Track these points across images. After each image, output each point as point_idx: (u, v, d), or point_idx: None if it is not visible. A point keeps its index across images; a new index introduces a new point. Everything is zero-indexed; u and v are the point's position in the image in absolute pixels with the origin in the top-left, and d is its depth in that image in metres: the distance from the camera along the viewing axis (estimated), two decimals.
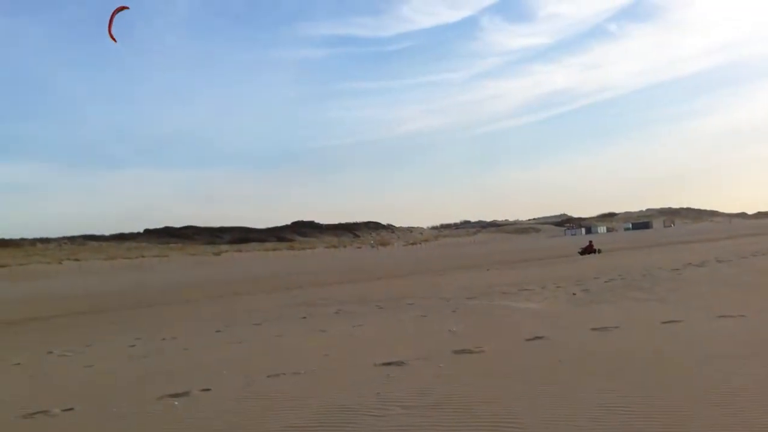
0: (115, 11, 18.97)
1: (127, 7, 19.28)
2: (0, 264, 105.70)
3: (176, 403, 7.89)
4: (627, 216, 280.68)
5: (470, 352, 9.83)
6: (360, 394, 7.58)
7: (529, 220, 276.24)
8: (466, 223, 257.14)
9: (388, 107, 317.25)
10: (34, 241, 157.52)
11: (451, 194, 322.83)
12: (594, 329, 11.16)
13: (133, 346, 14.43)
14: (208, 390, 8.45)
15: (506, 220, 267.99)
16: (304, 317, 17.46)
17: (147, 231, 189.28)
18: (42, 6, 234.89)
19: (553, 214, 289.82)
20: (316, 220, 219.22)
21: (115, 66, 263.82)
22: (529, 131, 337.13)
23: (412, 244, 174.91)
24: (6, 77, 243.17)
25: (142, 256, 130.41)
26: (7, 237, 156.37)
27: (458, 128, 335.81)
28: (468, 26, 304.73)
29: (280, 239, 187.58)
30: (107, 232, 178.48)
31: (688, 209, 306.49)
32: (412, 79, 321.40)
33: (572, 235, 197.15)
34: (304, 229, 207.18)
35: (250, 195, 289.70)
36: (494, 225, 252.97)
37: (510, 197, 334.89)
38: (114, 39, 19.20)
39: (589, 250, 47.29)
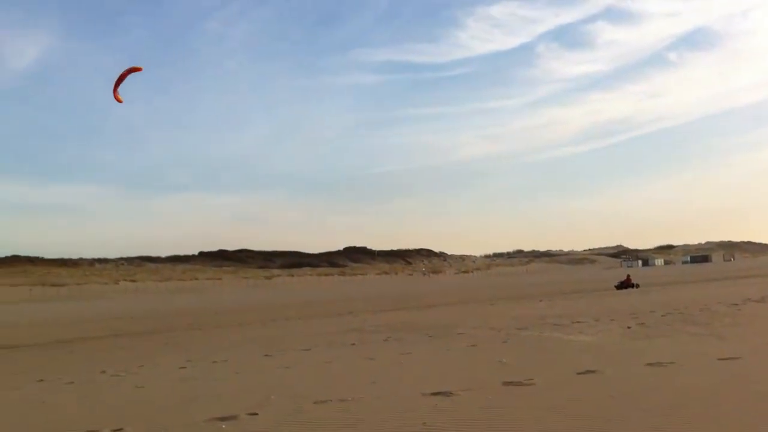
0: (126, 72, 18.39)
1: (140, 69, 18.71)
2: (58, 283, 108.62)
3: (224, 426, 7.92)
4: (685, 249, 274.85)
5: (520, 384, 9.67)
6: (406, 424, 7.50)
7: (584, 250, 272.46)
8: (519, 253, 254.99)
9: (444, 133, 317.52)
10: (93, 261, 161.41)
11: (504, 223, 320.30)
12: (649, 364, 10.88)
13: (184, 368, 14.59)
14: (255, 414, 8.46)
15: (560, 250, 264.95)
16: (354, 344, 17.45)
17: (202, 254, 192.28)
18: (106, 31, 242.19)
19: (608, 245, 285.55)
20: (369, 246, 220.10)
21: (175, 91, 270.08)
22: (585, 160, 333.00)
23: (464, 272, 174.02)
24: (72, 102, 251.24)
25: (196, 279, 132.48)
26: (66, 256, 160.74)
27: (513, 155, 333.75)
28: (524, 53, 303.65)
29: (332, 264, 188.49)
30: (163, 254, 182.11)
31: (749, 243, 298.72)
32: (468, 106, 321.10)
33: (628, 266, 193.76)
34: (356, 255, 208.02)
35: (304, 220, 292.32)
36: (548, 255, 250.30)
37: (565, 227, 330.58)
38: (119, 100, 18.54)
39: (626, 284, 45.55)
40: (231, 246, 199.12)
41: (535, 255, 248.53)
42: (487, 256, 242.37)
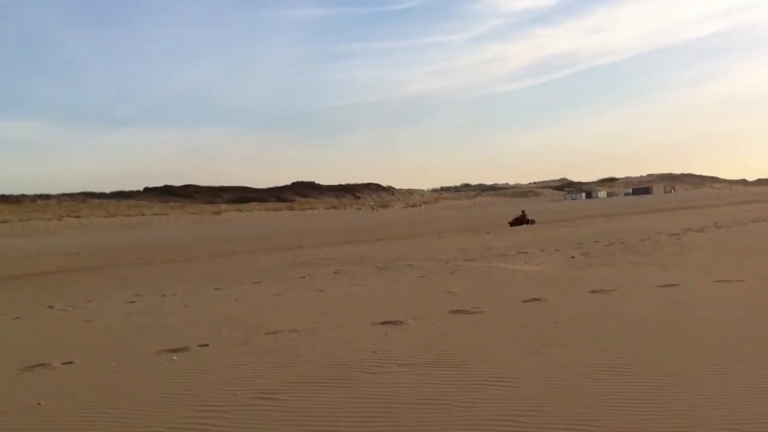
0: None
1: None
2: (0, 219, 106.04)
3: (174, 357, 7.95)
4: (628, 181, 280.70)
5: (468, 312, 9.88)
6: (357, 352, 7.62)
7: (530, 183, 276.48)
8: (466, 186, 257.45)
9: (391, 68, 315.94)
10: (35, 198, 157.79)
11: (451, 157, 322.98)
12: (592, 291, 11.21)
13: (133, 302, 14.49)
14: (206, 345, 8.50)
15: (506, 183, 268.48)
16: (303, 277, 17.51)
17: (147, 189, 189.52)
18: None
19: (553, 178, 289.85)
20: (317, 181, 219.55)
21: (119, 24, 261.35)
22: (530, 95, 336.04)
23: (412, 206, 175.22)
24: (13, 34, 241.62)
25: (142, 214, 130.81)
26: (7, 193, 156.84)
27: (460, 90, 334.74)
28: None
29: (281, 199, 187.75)
30: (108, 190, 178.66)
31: (689, 175, 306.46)
32: (415, 41, 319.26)
33: (572, 199, 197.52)
34: (304, 190, 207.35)
35: (251, 155, 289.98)
36: (494, 188, 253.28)
37: (510, 161, 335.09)
38: None
39: (522, 220, 43.24)
40: (177, 181, 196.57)
41: (482, 189, 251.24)
42: (434, 190, 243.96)
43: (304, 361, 7.38)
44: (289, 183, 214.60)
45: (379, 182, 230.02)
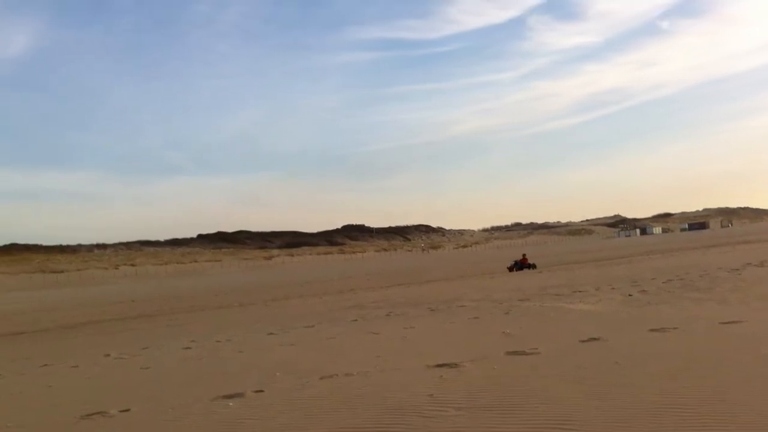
0: None
1: None
2: (58, 270, 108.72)
3: (230, 404, 7.94)
4: (683, 216, 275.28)
5: (524, 353, 9.69)
6: (413, 395, 7.52)
7: (582, 221, 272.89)
8: (517, 225, 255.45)
9: (438, 110, 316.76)
10: (92, 247, 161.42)
11: (501, 196, 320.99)
12: (652, 330, 10.91)
13: (188, 348, 14.61)
14: (261, 391, 8.48)
15: (558, 221, 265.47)
16: (356, 320, 17.48)
17: (200, 236, 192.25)
18: (96, 15, 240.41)
19: (606, 215, 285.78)
20: (367, 224, 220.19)
21: (167, 74, 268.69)
22: (580, 131, 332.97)
23: (463, 246, 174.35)
24: (64, 88, 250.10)
25: (196, 261, 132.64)
26: (65, 243, 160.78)
27: (508, 129, 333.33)
28: (516, 26, 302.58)
29: (331, 243, 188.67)
30: (162, 238, 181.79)
31: (746, 209, 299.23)
32: (461, 81, 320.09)
33: (626, 236, 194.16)
34: (354, 233, 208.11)
35: (301, 199, 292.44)
36: (546, 227, 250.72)
37: (562, 199, 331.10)
38: None
39: (522, 264, 40.32)
40: (229, 228, 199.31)
41: (533, 227, 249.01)
42: (485, 230, 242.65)
43: (360, 405, 7.30)
44: (339, 226, 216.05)
45: (429, 223, 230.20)
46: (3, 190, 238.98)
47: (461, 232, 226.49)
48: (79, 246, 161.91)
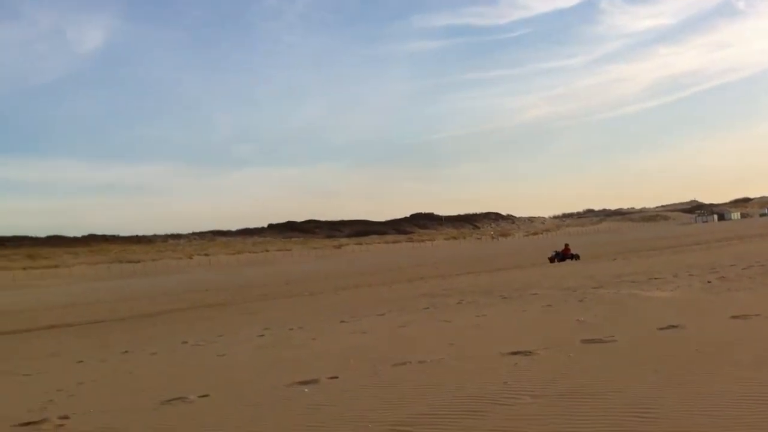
0: None
1: None
2: (135, 260, 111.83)
3: (306, 390, 8.03)
4: (763, 201, 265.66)
5: (600, 341, 9.51)
6: (487, 383, 7.46)
7: (657, 207, 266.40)
8: (589, 212, 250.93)
9: (507, 96, 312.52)
10: (166, 238, 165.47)
11: (573, 182, 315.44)
12: (733, 317, 10.56)
13: (262, 336, 14.85)
14: (335, 378, 8.55)
15: (632, 207, 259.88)
16: (427, 308, 17.46)
17: (271, 226, 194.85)
18: (166, 10, 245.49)
19: (682, 200, 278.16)
20: (436, 212, 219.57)
21: (236, 67, 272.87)
22: (655, 115, 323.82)
23: (534, 234, 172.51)
24: (136, 82, 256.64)
25: (267, 250, 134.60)
26: (141, 234, 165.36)
27: (580, 114, 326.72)
28: (587, 9, 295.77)
29: (400, 231, 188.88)
30: (234, 228, 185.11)
31: None
32: (531, 67, 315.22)
33: (704, 222, 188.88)
34: (423, 221, 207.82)
35: (369, 188, 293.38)
36: (619, 213, 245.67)
37: (636, 184, 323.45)
38: None
39: (564, 255, 38.59)
40: (299, 217, 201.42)
41: (606, 214, 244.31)
42: (556, 217, 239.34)
43: (435, 392, 7.28)
44: (408, 215, 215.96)
45: (498, 211, 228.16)
46: (81, 184, 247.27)
47: (531, 220, 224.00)
48: (155, 236, 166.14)
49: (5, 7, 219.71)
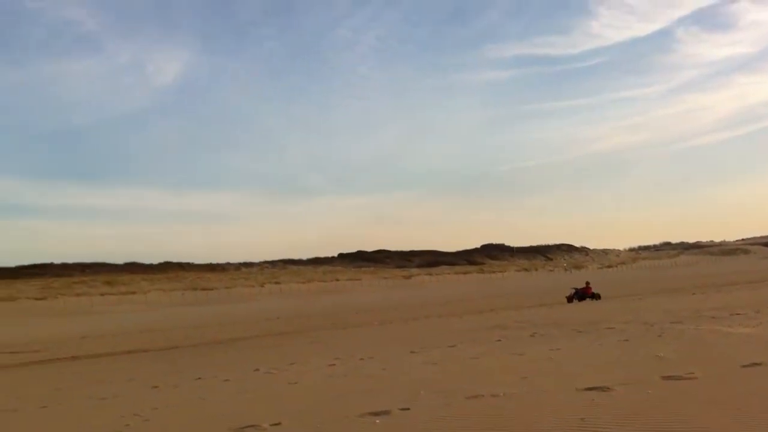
0: None
1: None
2: (208, 287, 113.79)
3: (377, 421, 7.97)
4: None
5: (680, 378, 9.19)
6: (563, 419, 7.27)
7: (737, 240, 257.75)
8: (666, 245, 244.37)
9: (580, 126, 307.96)
10: (239, 266, 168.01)
11: (649, 214, 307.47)
12: None
13: (333, 365, 14.85)
14: (407, 409, 8.46)
15: (711, 241, 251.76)
16: (499, 340, 17.22)
17: (341, 255, 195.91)
18: (241, 43, 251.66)
19: (763, 234, 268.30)
20: (507, 243, 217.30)
21: (309, 98, 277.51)
22: (734, 146, 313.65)
23: (608, 266, 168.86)
24: (212, 113, 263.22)
25: (337, 280, 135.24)
26: (214, 262, 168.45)
27: (656, 145, 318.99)
28: (662, 38, 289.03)
29: (470, 262, 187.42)
30: (304, 257, 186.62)
31: None
32: (605, 96, 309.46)
33: None
34: (494, 252, 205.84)
35: (440, 218, 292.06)
36: (697, 246, 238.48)
37: (714, 217, 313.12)
38: None
39: (583, 293, 36.59)
40: (369, 247, 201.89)
41: (684, 247, 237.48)
42: (631, 250, 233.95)
43: (508, 427, 7.13)
44: (478, 245, 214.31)
45: (571, 242, 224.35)
46: (158, 211, 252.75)
47: (606, 252, 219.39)
48: (228, 264, 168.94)
49: (89, 42, 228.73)
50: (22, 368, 21.70)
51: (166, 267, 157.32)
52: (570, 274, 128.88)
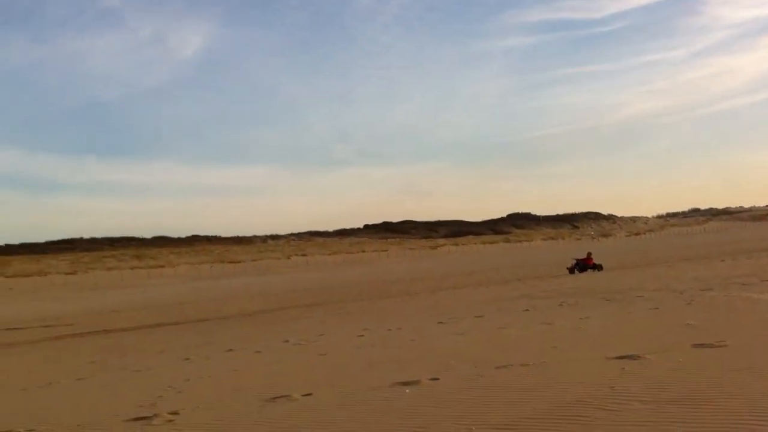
0: None
1: None
2: (236, 260, 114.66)
3: (407, 390, 8.02)
4: None
5: (711, 345, 9.12)
6: (593, 388, 7.26)
7: (767, 206, 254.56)
8: (694, 211, 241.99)
9: (605, 92, 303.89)
10: (265, 238, 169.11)
11: (677, 181, 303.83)
12: None
13: (362, 336, 14.95)
14: (436, 379, 8.50)
15: (740, 206, 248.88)
16: (527, 309, 17.21)
17: (367, 226, 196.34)
18: (263, 14, 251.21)
19: None
20: (533, 212, 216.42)
21: (333, 69, 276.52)
22: (761, 109, 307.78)
23: (636, 234, 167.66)
24: (235, 86, 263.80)
25: (363, 251, 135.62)
26: (241, 234, 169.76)
27: (682, 110, 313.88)
28: (687, 0, 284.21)
29: (496, 232, 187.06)
30: (330, 228, 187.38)
31: None
32: (629, 61, 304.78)
33: None
34: (520, 221, 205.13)
35: (465, 188, 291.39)
36: (726, 212, 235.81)
37: (744, 182, 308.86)
38: None
39: (584, 264, 35.77)
40: (395, 217, 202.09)
41: (713, 213, 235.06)
42: (660, 217, 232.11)
43: (538, 396, 7.14)
44: (504, 215, 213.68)
45: (599, 210, 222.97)
46: (185, 186, 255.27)
47: (634, 219, 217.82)
48: (254, 237, 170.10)
49: (111, 16, 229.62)
50: (56, 342, 22.08)
51: (194, 240, 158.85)
52: (597, 242, 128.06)
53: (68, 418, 8.41)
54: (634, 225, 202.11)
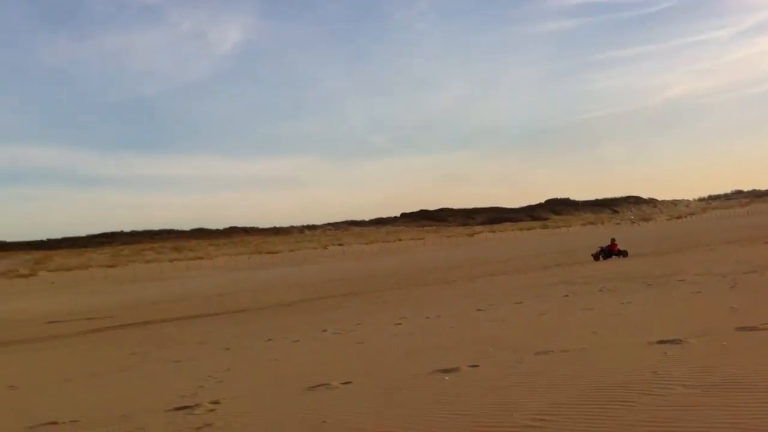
0: None
1: None
2: (273, 250, 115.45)
3: (447, 378, 8.00)
4: None
5: (755, 329, 8.95)
6: (636, 373, 7.16)
7: None
8: (737, 193, 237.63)
9: (649, 74, 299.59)
10: (302, 228, 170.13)
11: (720, 163, 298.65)
12: None
13: (399, 324, 14.95)
14: (476, 366, 8.47)
15: None
16: (566, 295, 17.06)
17: (403, 215, 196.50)
18: (302, 7, 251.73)
19: None
20: (572, 197, 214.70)
21: (371, 58, 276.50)
22: None
23: (677, 218, 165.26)
24: (275, 78, 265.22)
25: (400, 239, 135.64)
26: (278, 225, 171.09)
27: (728, 89, 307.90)
28: None
29: (534, 218, 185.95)
30: (367, 218, 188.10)
31: None
32: (674, 42, 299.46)
33: None
34: (558, 207, 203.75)
35: (503, 175, 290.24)
36: None
37: None
38: None
39: (609, 251, 35.20)
40: (432, 205, 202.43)
41: (756, 195, 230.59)
42: (701, 199, 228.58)
43: (580, 382, 7.07)
44: (542, 201, 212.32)
45: (639, 194, 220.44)
46: (223, 178, 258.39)
47: (675, 203, 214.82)
48: (291, 227, 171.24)
49: (151, 12, 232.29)
50: (98, 334, 22.46)
51: (232, 232, 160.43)
52: (638, 227, 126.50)
53: (111, 408, 8.54)
54: (675, 208, 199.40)
